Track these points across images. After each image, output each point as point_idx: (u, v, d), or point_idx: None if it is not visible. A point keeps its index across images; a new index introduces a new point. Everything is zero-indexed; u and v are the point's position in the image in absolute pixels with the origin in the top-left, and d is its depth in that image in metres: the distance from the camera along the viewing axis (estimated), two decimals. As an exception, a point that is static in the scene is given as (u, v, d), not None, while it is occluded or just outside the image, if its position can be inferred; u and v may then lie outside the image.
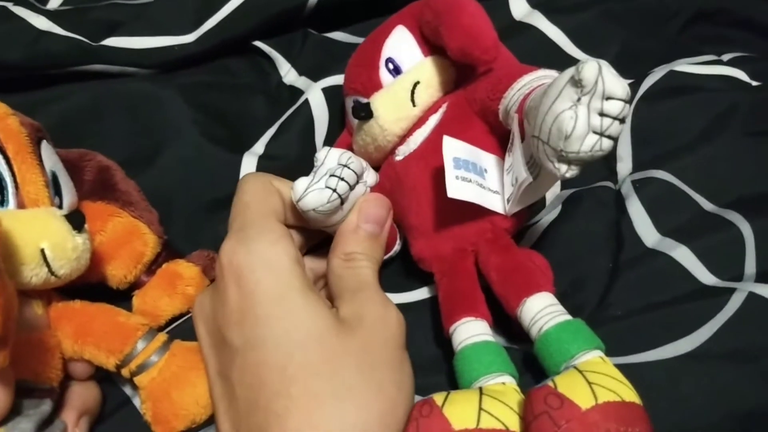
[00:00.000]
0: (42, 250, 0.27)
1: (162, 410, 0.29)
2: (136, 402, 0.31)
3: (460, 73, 0.33)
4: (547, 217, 0.36)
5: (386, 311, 0.27)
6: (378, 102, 0.32)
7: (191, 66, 0.44)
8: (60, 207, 0.30)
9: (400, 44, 0.33)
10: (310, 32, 0.46)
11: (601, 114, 0.21)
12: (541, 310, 0.27)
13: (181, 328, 0.33)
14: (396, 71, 0.33)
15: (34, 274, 0.27)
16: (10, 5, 0.44)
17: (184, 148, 0.39)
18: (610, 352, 0.26)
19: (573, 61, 0.43)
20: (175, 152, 0.39)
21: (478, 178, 0.28)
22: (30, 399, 0.27)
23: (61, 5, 0.50)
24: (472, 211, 0.29)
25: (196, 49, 0.43)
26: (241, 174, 0.39)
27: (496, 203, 0.28)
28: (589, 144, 0.22)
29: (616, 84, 0.21)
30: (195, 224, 0.38)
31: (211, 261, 0.36)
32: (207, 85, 0.43)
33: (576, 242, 0.34)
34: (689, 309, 0.31)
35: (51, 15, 0.43)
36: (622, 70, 0.42)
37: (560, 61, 0.44)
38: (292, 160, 0.40)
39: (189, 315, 0.34)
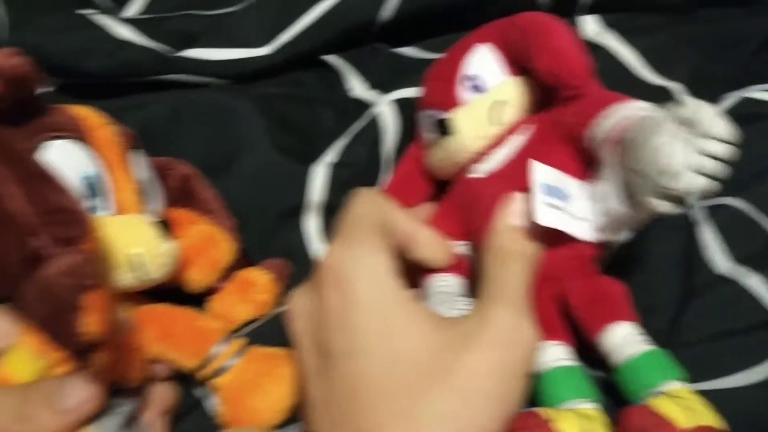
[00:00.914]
0: (134, 255, 0.28)
1: (237, 414, 0.30)
2: (212, 403, 0.32)
3: (543, 94, 0.33)
4: (619, 240, 0.36)
5: (515, 330, 0.25)
6: (459, 119, 0.32)
7: (264, 78, 0.45)
8: (148, 213, 0.31)
9: (482, 62, 0.33)
10: (379, 47, 0.47)
11: (704, 153, 0.21)
12: (625, 337, 0.27)
13: (251, 333, 0.34)
14: (477, 89, 0.33)
15: (125, 278, 0.28)
16: (91, 13, 0.46)
17: (257, 158, 0.40)
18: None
19: (643, 84, 0.44)
20: (249, 162, 0.40)
21: (565, 204, 0.28)
22: (116, 398, 0.28)
23: (139, 14, 0.52)
24: (554, 237, 0.29)
25: (270, 61, 0.45)
26: (311, 183, 0.40)
27: (581, 230, 0.28)
28: (689, 182, 0.22)
29: (721, 125, 0.21)
30: (266, 232, 0.39)
31: (283, 269, 0.37)
32: (279, 96, 0.44)
33: (647, 266, 0.34)
34: (762, 338, 0.31)
35: (131, 24, 0.45)
36: (693, 94, 0.43)
37: (631, 82, 0.44)
38: (361, 169, 0.40)
39: (260, 321, 0.35)
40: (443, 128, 0.32)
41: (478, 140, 0.32)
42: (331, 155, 0.41)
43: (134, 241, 0.28)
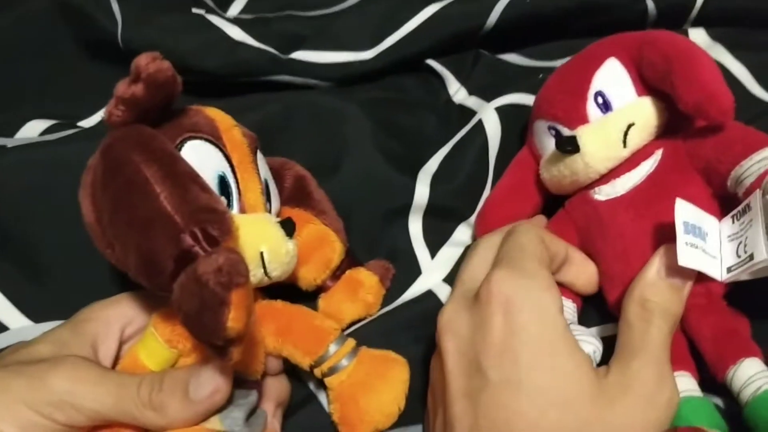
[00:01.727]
0: (261, 253, 0.29)
1: (348, 413, 0.31)
2: (322, 399, 0.34)
3: (671, 117, 0.32)
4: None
5: (658, 388, 0.26)
6: (586, 137, 0.31)
7: (367, 81, 0.46)
8: (269, 213, 0.32)
9: (613, 78, 0.32)
10: (482, 53, 0.47)
11: None
12: (757, 374, 0.27)
13: (357, 332, 0.35)
14: (605, 106, 0.32)
15: (252, 275, 0.29)
16: (204, 14, 0.47)
17: (364, 161, 0.41)
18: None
19: (755, 99, 0.43)
20: (355, 164, 0.41)
21: (702, 243, 0.27)
22: (239, 389, 0.29)
23: (241, 13, 0.54)
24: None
25: (374, 65, 0.46)
26: (416, 187, 0.40)
27: (715, 270, 0.27)
28: None
29: None
30: (371, 234, 0.40)
31: (387, 271, 0.38)
32: (383, 101, 0.45)
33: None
34: None
35: (242, 25, 0.47)
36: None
37: (742, 97, 0.42)
38: (464, 180, 0.41)
39: (366, 320, 0.36)
40: (569, 145, 0.31)
41: (606, 162, 0.32)
42: (435, 160, 0.42)
43: (262, 239, 0.29)
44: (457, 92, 0.46)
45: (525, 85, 0.43)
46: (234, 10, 0.53)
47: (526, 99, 0.42)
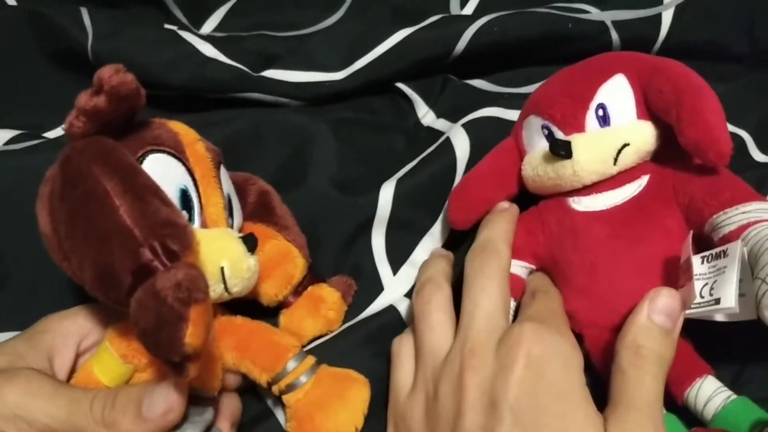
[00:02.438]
0: (221, 269, 0.29)
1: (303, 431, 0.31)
2: (279, 415, 0.33)
3: (664, 145, 0.33)
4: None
5: None
6: (581, 146, 0.32)
7: (337, 102, 0.47)
8: (231, 228, 0.32)
9: (617, 94, 0.32)
10: (450, 78, 0.48)
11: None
12: (715, 391, 0.28)
13: (318, 348, 0.35)
14: (604, 120, 0.32)
15: (212, 290, 0.29)
16: (176, 30, 0.48)
17: (328, 179, 0.41)
18: None
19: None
20: (320, 182, 0.41)
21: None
22: (195, 407, 0.29)
23: (213, 31, 0.54)
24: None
25: (344, 86, 0.46)
26: (379, 201, 0.40)
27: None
28: None
29: None
30: (334, 250, 0.40)
31: (349, 287, 0.38)
32: (352, 121, 0.45)
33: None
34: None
35: (214, 42, 0.47)
36: (759, 143, 0.42)
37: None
38: (427, 186, 0.41)
39: (327, 336, 0.36)
40: (561, 149, 0.31)
41: (594, 175, 0.32)
42: (400, 173, 0.42)
43: (222, 254, 0.29)
44: (426, 115, 0.47)
45: (493, 103, 0.44)
46: (207, 28, 0.54)
47: (498, 112, 0.43)
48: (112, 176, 0.26)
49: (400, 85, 0.48)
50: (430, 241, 0.40)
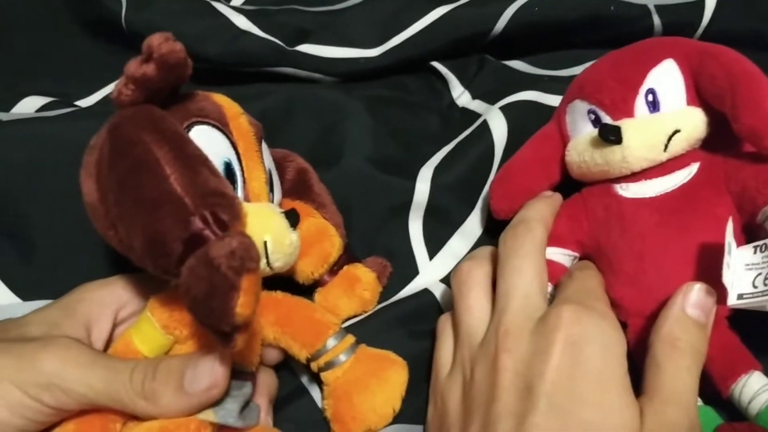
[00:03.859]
0: (264, 243, 0.29)
1: (341, 410, 0.31)
2: (314, 393, 0.33)
3: (714, 132, 0.32)
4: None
5: (688, 428, 0.26)
6: (631, 132, 0.31)
7: (371, 79, 0.46)
8: (272, 203, 0.32)
9: (667, 79, 0.32)
10: (487, 58, 0.47)
11: None
12: (762, 387, 0.27)
13: (352, 328, 0.35)
14: (653, 105, 0.32)
15: (254, 264, 0.29)
16: (210, 1, 0.47)
17: (364, 158, 0.41)
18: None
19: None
20: (355, 161, 0.41)
21: (729, 265, 0.27)
22: (235, 380, 0.28)
23: (243, 4, 0.53)
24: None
25: (379, 63, 0.46)
26: (416, 185, 0.40)
27: (732, 298, 0.27)
28: None
29: None
30: (369, 230, 0.39)
31: (384, 268, 0.37)
32: (386, 99, 0.45)
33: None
34: None
35: (248, 14, 0.46)
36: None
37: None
38: (465, 176, 0.40)
39: (361, 317, 0.36)
40: (610, 135, 0.31)
41: (643, 161, 0.31)
42: (437, 157, 0.41)
43: (266, 228, 0.29)
44: (461, 96, 0.46)
45: (532, 87, 0.43)
46: (237, 1, 0.53)
47: (536, 96, 0.42)
48: (163, 144, 0.25)
49: (436, 64, 0.47)
50: (468, 230, 0.40)
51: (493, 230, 0.38)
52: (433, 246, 0.39)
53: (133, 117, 0.26)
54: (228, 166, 0.29)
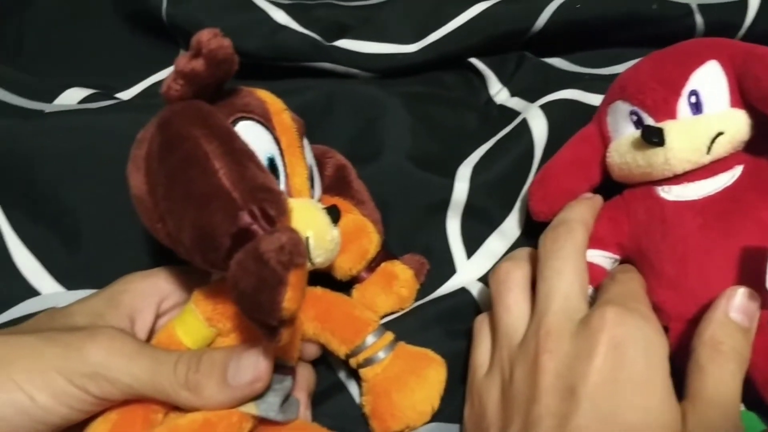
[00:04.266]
0: (307, 239, 0.29)
1: (380, 407, 0.31)
2: (352, 389, 0.33)
3: (758, 135, 0.31)
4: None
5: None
6: (674, 134, 0.31)
7: (408, 75, 0.46)
8: (315, 200, 0.32)
9: (711, 81, 0.31)
10: (526, 55, 0.47)
11: None
12: None
13: (389, 325, 0.35)
14: (696, 107, 0.31)
15: (295, 259, 0.29)
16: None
17: (402, 155, 0.40)
18: None
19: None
20: (394, 158, 0.40)
21: None
22: (275, 374, 0.28)
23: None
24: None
25: (416, 59, 0.45)
26: (455, 184, 0.40)
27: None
28: None
29: None
30: (406, 228, 0.39)
31: (421, 266, 0.37)
32: (424, 96, 0.44)
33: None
34: None
35: (287, 9, 0.46)
36: None
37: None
38: (504, 176, 0.40)
39: (398, 314, 0.36)
40: (653, 136, 0.31)
41: (686, 164, 0.31)
42: (476, 155, 0.41)
43: (308, 224, 0.29)
44: (499, 93, 0.46)
45: (573, 85, 0.42)
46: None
47: (577, 95, 0.42)
48: (212, 139, 0.25)
49: (474, 61, 0.46)
50: (506, 230, 0.39)
51: (532, 231, 0.37)
52: (471, 245, 0.39)
53: (183, 112, 0.26)
54: (271, 162, 0.29)
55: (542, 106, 0.41)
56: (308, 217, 0.29)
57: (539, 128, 0.40)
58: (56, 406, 0.26)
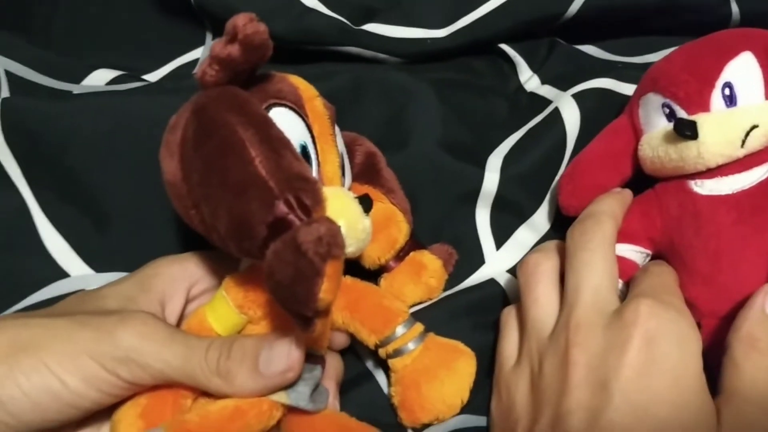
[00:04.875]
0: (339, 228, 0.28)
1: (409, 398, 0.31)
2: (380, 378, 0.33)
3: None
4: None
5: (762, 428, 0.25)
6: (708, 127, 0.30)
7: (437, 60, 0.45)
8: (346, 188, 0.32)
9: (745, 73, 0.31)
10: (558, 41, 0.46)
11: None
12: None
13: (417, 315, 0.35)
14: (730, 99, 0.31)
15: (329, 248, 0.29)
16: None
17: (431, 143, 0.40)
18: None
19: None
20: (423, 145, 0.40)
21: None
22: (306, 363, 0.28)
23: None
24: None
25: (446, 44, 0.45)
26: (485, 174, 0.39)
27: None
28: None
29: None
30: (435, 217, 0.39)
31: (450, 256, 0.37)
32: (453, 82, 0.44)
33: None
34: None
35: (310, -9, 0.46)
36: None
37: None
38: (535, 167, 0.40)
39: (426, 304, 0.35)
40: (688, 130, 0.30)
41: (719, 157, 0.31)
42: (506, 145, 0.41)
43: (340, 213, 0.28)
44: (529, 80, 0.45)
45: (605, 74, 0.42)
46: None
47: (610, 84, 0.41)
48: (248, 126, 0.25)
49: (504, 47, 0.46)
50: (536, 223, 0.39)
51: (563, 225, 0.37)
52: (501, 236, 0.38)
53: (219, 98, 0.26)
54: (304, 149, 0.29)
55: (574, 95, 0.40)
56: (341, 207, 0.29)
57: (572, 118, 0.40)
58: (87, 390, 0.26)
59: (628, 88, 0.40)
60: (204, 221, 0.27)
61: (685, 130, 0.30)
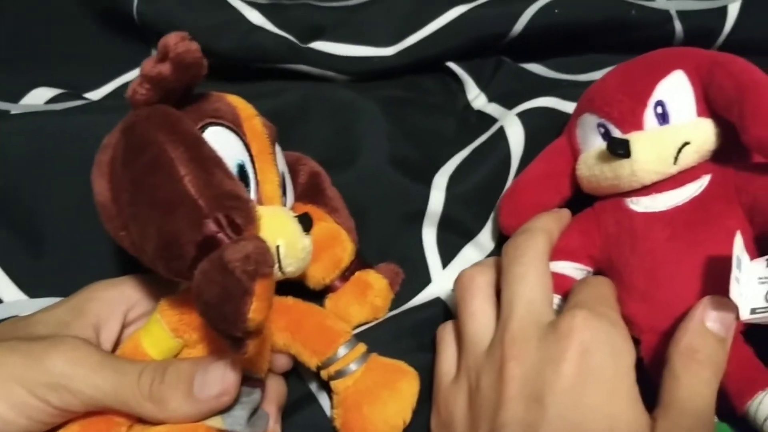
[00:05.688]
0: (277, 247, 0.28)
1: (351, 420, 0.30)
2: (323, 401, 0.33)
3: (725, 144, 0.31)
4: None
5: None
6: (639, 145, 0.30)
7: (385, 78, 0.45)
8: (284, 206, 0.31)
9: (676, 91, 0.31)
10: (504, 60, 0.47)
11: None
12: None
13: (362, 335, 0.34)
14: (663, 117, 0.31)
15: (265, 269, 0.28)
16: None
17: (378, 161, 0.40)
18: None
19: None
20: (369, 163, 0.40)
21: (739, 279, 0.27)
22: (243, 386, 0.28)
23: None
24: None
25: (393, 63, 0.45)
26: (431, 193, 0.39)
27: (744, 311, 0.27)
28: None
29: None
30: (382, 236, 0.39)
31: (396, 275, 0.37)
32: (401, 100, 0.44)
33: None
34: None
35: (261, 9, 0.45)
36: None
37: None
38: (480, 187, 0.40)
39: (371, 324, 0.35)
40: (620, 148, 0.30)
41: (652, 175, 0.31)
42: (452, 163, 0.41)
43: (279, 233, 0.28)
44: (477, 98, 0.45)
45: (550, 92, 0.42)
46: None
47: (554, 102, 0.41)
48: (178, 145, 0.25)
49: (451, 65, 0.46)
50: (481, 242, 0.39)
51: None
52: (447, 254, 0.38)
53: (149, 117, 0.26)
54: (241, 169, 0.29)
55: (519, 114, 0.41)
56: (279, 225, 0.29)
57: (516, 137, 0.40)
58: (16, 417, 0.25)
59: (571, 107, 0.40)
60: (134, 243, 0.26)
61: (618, 149, 0.30)
